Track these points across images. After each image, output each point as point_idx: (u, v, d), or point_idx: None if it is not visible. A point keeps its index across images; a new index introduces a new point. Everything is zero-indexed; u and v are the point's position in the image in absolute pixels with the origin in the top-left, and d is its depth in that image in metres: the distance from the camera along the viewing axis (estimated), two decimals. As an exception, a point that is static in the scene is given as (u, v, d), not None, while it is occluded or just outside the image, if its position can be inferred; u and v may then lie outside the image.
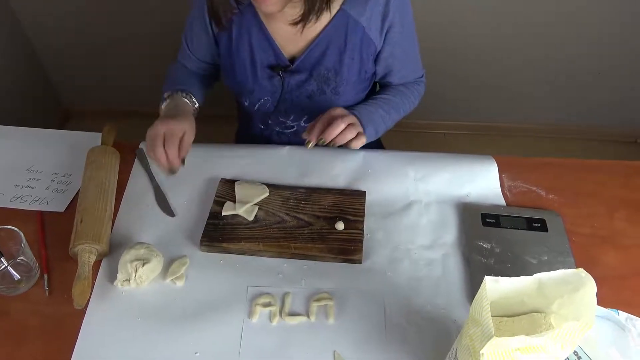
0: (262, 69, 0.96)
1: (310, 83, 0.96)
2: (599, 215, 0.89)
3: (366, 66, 0.97)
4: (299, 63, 0.94)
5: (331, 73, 0.95)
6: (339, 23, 0.91)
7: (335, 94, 0.97)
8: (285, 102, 1.00)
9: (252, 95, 1.00)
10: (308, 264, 0.83)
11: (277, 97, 1.00)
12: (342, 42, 0.92)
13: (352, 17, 0.90)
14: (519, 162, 0.99)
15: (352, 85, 0.98)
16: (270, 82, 0.98)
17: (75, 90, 2.31)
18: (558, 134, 2.19)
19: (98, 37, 2.07)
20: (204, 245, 0.84)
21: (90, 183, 0.91)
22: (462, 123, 2.24)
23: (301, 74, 0.95)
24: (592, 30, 1.85)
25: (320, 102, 0.99)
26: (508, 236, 0.86)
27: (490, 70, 2.02)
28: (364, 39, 0.92)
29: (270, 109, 1.02)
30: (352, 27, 0.91)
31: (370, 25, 0.91)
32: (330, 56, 0.93)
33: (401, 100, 1.03)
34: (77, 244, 0.81)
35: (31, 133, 1.09)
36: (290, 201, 0.90)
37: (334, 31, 0.91)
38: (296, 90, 0.98)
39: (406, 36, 0.97)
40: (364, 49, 0.94)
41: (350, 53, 0.93)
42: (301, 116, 1.04)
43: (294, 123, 1.05)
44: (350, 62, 0.94)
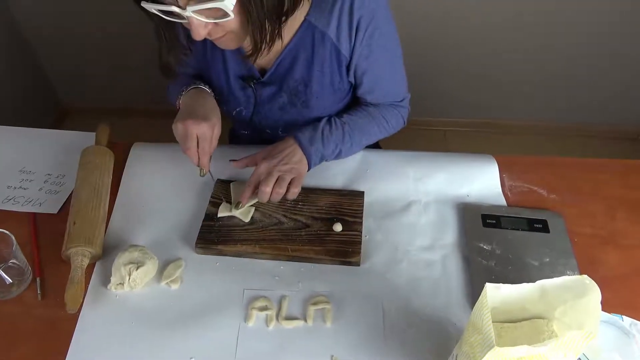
0: (235, 79, 0.94)
1: (280, 95, 0.94)
2: (600, 215, 0.88)
3: (337, 78, 0.93)
4: (269, 75, 0.92)
5: (301, 86, 0.92)
6: (305, 35, 0.87)
7: (305, 107, 0.95)
8: (259, 113, 0.99)
9: (228, 105, 0.99)
10: (305, 267, 0.81)
11: (251, 108, 0.98)
12: (309, 54, 0.89)
13: (318, 29, 0.86)
14: (519, 161, 0.98)
15: (325, 98, 0.95)
16: (243, 93, 0.96)
17: (72, 88, 2.29)
18: (558, 131, 2.18)
19: (95, 35, 2.05)
20: (199, 247, 0.83)
21: (83, 184, 0.89)
22: (461, 120, 2.22)
23: (272, 87, 0.94)
24: (592, 27, 1.83)
25: (293, 115, 0.97)
26: (509, 237, 0.84)
27: (490, 67, 2.00)
28: (332, 51, 0.88)
29: (247, 118, 1.01)
30: (318, 38, 0.87)
31: (339, 36, 0.86)
32: (298, 68, 0.90)
33: (368, 122, 0.97)
34: (70, 246, 0.79)
35: (24, 133, 1.08)
36: (287, 202, 0.89)
37: (300, 43, 0.88)
38: (268, 103, 0.96)
39: (379, 50, 0.90)
40: (334, 61, 0.90)
41: (319, 66, 0.90)
42: (276, 128, 1.02)
43: (271, 132, 1.04)
44: (320, 75, 0.91)
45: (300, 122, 0.97)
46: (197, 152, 0.85)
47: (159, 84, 2.00)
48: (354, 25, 0.85)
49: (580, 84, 2.02)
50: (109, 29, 2.02)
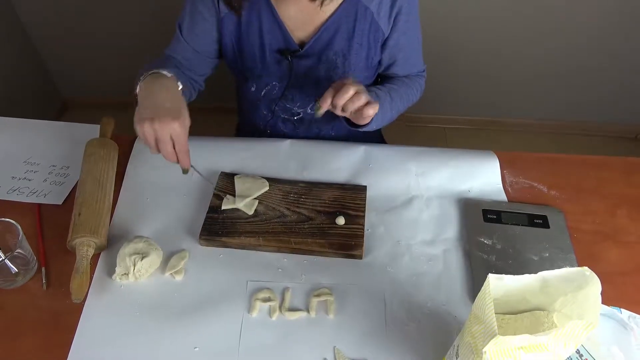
0: (271, 53, 0.95)
1: (318, 68, 0.96)
2: (600, 211, 0.89)
3: (373, 53, 0.96)
4: (308, 47, 0.93)
5: (339, 58, 0.94)
6: (349, 8, 0.90)
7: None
8: (292, 88, 1.00)
9: (260, 80, 1.00)
10: (308, 259, 0.82)
11: (284, 83, 0.99)
12: (350, 28, 0.92)
13: (361, 3, 0.90)
14: (520, 157, 0.99)
15: (360, 72, 0.98)
16: (278, 67, 0.97)
17: (73, 80, 2.29)
18: (559, 129, 2.19)
19: (96, 27, 2.05)
20: (203, 239, 0.83)
21: (88, 175, 0.90)
22: (463, 118, 2.23)
23: (309, 59, 0.95)
24: (593, 25, 1.84)
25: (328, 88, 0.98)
26: (509, 232, 0.85)
27: (492, 65, 2.01)
28: (372, 25, 0.92)
29: (278, 94, 1.02)
30: (361, 13, 0.90)
31: (380, 11, 0.91)
32: (338, 41, 0.93)
33: (405, 91, 1.02)
34: (75, 237, 0.80)
35: (29, 124, 1.08)
36: (291, 195, 0.89)
37: (343, 16, 0.91)
38: (304, 76, 0.97)
39: (412, 26, 0.96)
40: (372, 36, 0.93)
41: (359, 39, 0.93)
42: (308, 103, 1.03)
43: (300, 110, 1.05)
44: (359, 48, 0.94)
45: None
46: (174, 154, 0.78)
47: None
48: (397, 3, 0.90)
49: (581, 82, 2.03)
50: (111, 22, 2.02)
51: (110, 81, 2.25)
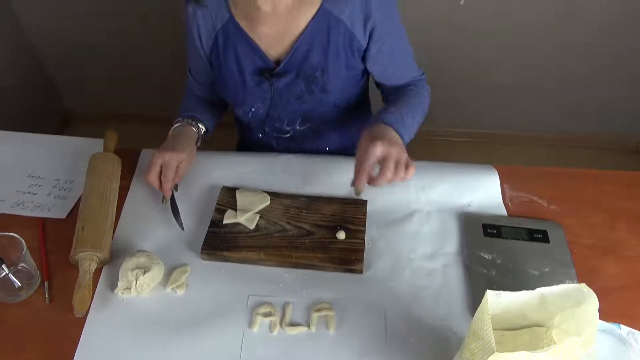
0: (250, 76, 0.97)
1: (298, 83, 0.97)
2: (600, 225, 0.89)
3: (352, 62, 0.97)
4: (285, 64, 0.95)
5: (317, 71, 0.95)
6: (321, 22, 0.91)
7: (323, 92, 0.97)
8: (276, 106, 1.01)
9: (245, 104, 1.02)
10: (309, 274, 0.82)
11: (268, 103, 1.00)
12: (325, 40, 0.92)
13: (333, 15, 0.90)
14: (520, 171, 0.99)
15: (342, 82, 0.98)
16: (259, 89, 0.98)
17: (77, 93, 2.32)
18: (559, 141, 2.19)
19: (100, 41, 2.08)
20: (205, 253, 0.84)
21: (91, 190, 0.91)
22: (462, 130, 2.24)
23: (288, 75, 0.96)
24: (592, 39, 1.85)
25: (311, 102, 0.99)
26: (509, 247, 0.85)
27: (492, 78, 2.02)
28: (346, 36, 0.92)
29: (263, 115, 1.03)
30: (334, 24, 0.91)
31: (353, 22, 0.91)
32: (315, 54, 0.94)
33: (420, 101, 1.00)
34: (78, 251, 0.81)
35: (33, 139, 1.10)
36: (292, 210, 0.90)
37: (316, 30, 0.92)
38: (285, 93, 0.99)
39: (394, 34, 0.95)
40: (348, 46, 0.94)
41: (335, 50, 0.93)
42: (294, 119, 1.04)
43: (289, 127, 1.06)
44: (336, 59, 0.94)
45: (319, 109, 1.00)
46: (157, 179, 0.90)
47: (162, 92, 2.03)
48: (370, 10, 0.89)
49: (581, 94, 2.04)
50: (115, 36, 2.05)
51: (114, 94, 2.27)
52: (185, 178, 0.96)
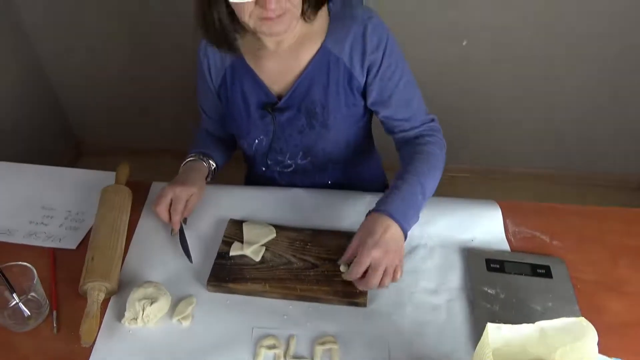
0: (255, 109, 1.01)
1: (299, 118, 1.00)
2: (603, 262, 0.90)
3: (352, 100, 0.99)
4: (287, 99, 0.98)
5: (318, 107, 0.98)
6: (321, 60, 0.95)
7: (323, 128, 1.00)
8: (279, 139, 1.04)
9: (249, 137, 1.05)
10: (313, 306, 0.83)
11: (270, 136, 1.04)
12: (324, 78, 0.96)
13: (333, 54, 0.94)
14: (522, 207, 1.01)
15: (342, 119, 1.01)
16: (263, 122, 1.02)
17: (89, 126, 2.38)
18: (562, 179, 2.20)
19: (113, 76, 2.15)
20: (211, 285, 0.85)
21: (102, 221, 0.93)
22: (466, 167, 2.26)
23: (290, 110, 1.00)
24: (594, 77, 1.89)
25: (312, 137, 1.02)
26: (513, 282, 0.86)
27: (495, 115, 2.06)
28: (345, 74, 0.96)
29: (266, 148, 1.06)
30: (333, 62, 0.95)
31: (352, 60, 0.94)
32: (315, 91, 0.97)
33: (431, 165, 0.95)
34: (87, 281, 0.82)
35: (47, 171, 1.13)
36: (297, 243, 0.92)
37: (316, 67, 0.96)
38: (287, 127, 1.02)
39: (395, 73, 0.95)
40: (347, 84, 0.97)
41: (334, 87, 0.97)
42: (296, 153, 1.07)
43: (291, 161, 1.09)
44: (335, 96, 0.98)
45: (320, 144, 1.03)
46: (166, 211, 0.93)
47: (173, 126, 2.08)
48: (368, 49, 0.92)
49: (585, 134, 2.06)
50: (129, 71, 2.12)
51: (125, 127, 2.33)
52: (194, 211, 0.98)
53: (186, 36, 1.84)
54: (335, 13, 0.94)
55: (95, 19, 1.97)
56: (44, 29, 2.03)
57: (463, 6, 1.75)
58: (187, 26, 1.84)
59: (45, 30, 2.03)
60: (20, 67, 2.03)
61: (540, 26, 1.77)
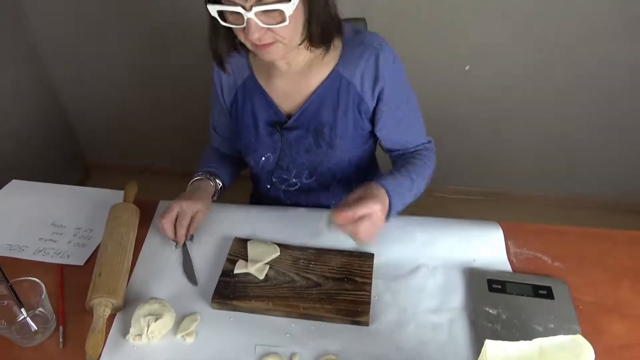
0: (264, 127, 1.04)
1: (307, 137, 1.03)
2: (604, 283, 0.90)
3: (360, 123, 1.02)
4: (296, 119, 1.01)
5: (326, 128, 1.01)
6: (332, 82, 0.98)
7: (330, 147, 1.03)
8: (285, 157, 1.07)
9: (256, 154, 1.08)
10: (316, 325, 0.84)
11: (277, 153, 1.06)
12: (335, 100, 0.99)
13: (344, 78, 0.97)
14: (524, 228, 1.02)
15: (349, 140, 1.04)
16: (271, 139, 1.05)
17: (98, 146, 2.43)
18: (565, 202, 2.21)
19: (123, 101, 2.21)
20: (215, 302, 0.86)
21: (110, 238, 0.95)
22: (469, 189, 2.27)
23: (298, 130, 1.02)
24: (598, 101, 1.91)
25: (318, 156, 1.05)
26: (514, 302, 0.86)
27: (498, 138, 2.08)
28: (356, 98, 0.99)
29: (272, 165, 1.09)
30: (344, 86, 0.98)
31: (363, 85, 0.98)
32: (324, 112, 1.00)
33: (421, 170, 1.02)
34: (93, 297, 0.84)
35: (57, 189, 1.16)
36: (301, 261, 0.93)
37: (327, 90, 0.99)
38: (295, 145, 1.04)
39: (402, 98, 1.01)
40: (357, 108, 1.00)
41: (344, 110, 1.00)
42: (302, 171, 1.09)
43: (296, 179, 1.11)
44: (344, 119, 1.00)
45: (325, 163, 1.05)
46: (171, 225, 0.95)
47: (182, 148, 2.12)
48: (379, 79, 0.96)
49: (588, 156, 2.07)
50: (138, 96, 2.17)
51: (133, 147, 2.37)
52: (200, 229, 1.00)
53: (194, 58, 1.90)
54: (348, 39, 0.97)
55: (106, 47, 2.03)
56: (59, 57, 2.10)
57: (465, 31, 1.79)
58: (196, 49, 1.90)
59: (59, 59, 2.10)
60: (36, 94, 2.10)
61: (543, 51, 1.80)
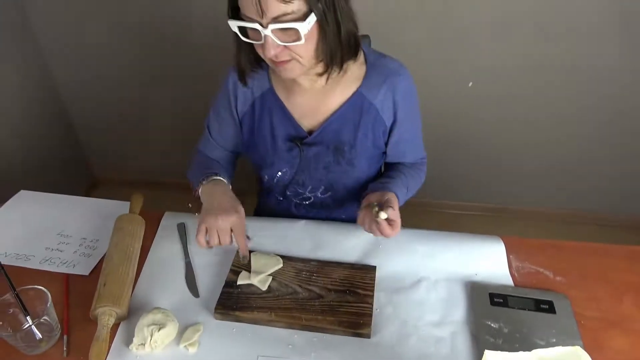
0: (282, 142, 1.05)
1: (327, 154, 1.04)
2: (606, 298, 0.90)
3: (378, 142, 1.05)
4: (317, 135, 1.02)
5: (346, 146, 1.03)
6: (355, 102, 1.00)
7: (349, 165, 1.04)
8: (303, 172, 1.08)
9: (272, 168, 1.08)
10: (318, 336, 0.84)
11: (295, 169, 1.07)
12: (356, 120, 1.01)
13: (367, 99, 1.00)
14: (526, 243, 1.02)
15: (367, 159, 1.06)
16: (289, 154, 1.05)
17: (104, 160, 2.45)
18: (569, 218, 2.20)
19: (128, 114, 2.24)
20: (218, 312, 0.87)
21: (115, 248, 0.96)
22: (472, 204, 2.28)
23: (318, 146, 1.03)
24: (601, 121, 1.92)
25: (336, 173, 1.06)
26: (516, 316, 0.87)
27: (502, 154, 2.09)
28: (377, 119, 1.01)
29: (288, 180, 1.09)
30: (366, 107, 1.00)
31: (383, 107, 1.01)
32: (345, 131, 1.02)
33: (415, 182, 1.10)
34: (98, 306, 0.85)
35: (64, 200, 1.17)
36: (303, 273, 0.94)
37: (350, 109, 1.01)
38: (314, 161, 1.05)
39: (413, 121, 1.07)
40: (376, 128, 1.02)
41: (364, 130, 1.02)
42: (318, 187, 1.10)
43: (311, 194, 1.12)
44: (364, 138, 1.03)
45: (343, 180, 1.07)
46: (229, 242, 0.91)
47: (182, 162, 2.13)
48: (398, 98, 1.00)
49: (589, 175, 2.08)
50: (143, 109, 2.20)
51: (137, 163, 2.40)
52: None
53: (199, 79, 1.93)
54: (372, 62, 1.00)
55: (115, 59, 2.07)
56: (66, 69, 2.13)
57: (469, 49, 1.81)
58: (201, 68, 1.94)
59: (67, 70, 2.14)
60: (47, 112, 2.16)
61: (546, 68, 1.82)
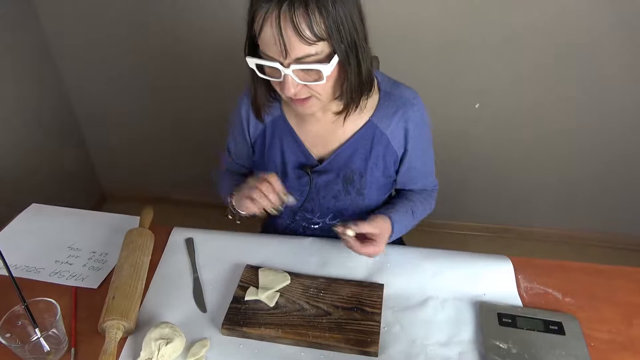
0: (292, 169, 1.05)
1: (337, 182, 1.04)
2: (616, 320, 0.89)
3: (389, 172, 1.06)
4: (327, 164, 1.03)
5: (356, 175, 1.03)
6: (367, 132, 1.00)
7: (359, 195, 1.05)
8: (312, 200, 1.08)
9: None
10: (325, 354, 0.84)
11: (304, 196, 1.07)
12: (368, 150, 1.02)
13: (378, 129, 1.00)
14: (534, 263, 1.02)
15: (377, 188, 1.06)
16: (299, 182, 1.06)
17: (114, 176, 2.48)
18: (578, 239, 2.19)
19: (139, 131, 2.26)
20: (225, 328, 0.87)
21: (125, 262, 0.97)
22: (481, 225, 2.27)
23: (328, 174, 1.04)
24: (608, 140, 1.92)
25: (346, 202, 1.06)
26: (525, 337, 0.86)
27: (508, 174, 2.09)
28: (388, 149, 1.02)
29: (298, 206, 1.10)
30: (378, 137, 1.01)
31: (394, 137, 1.01)
32: (355, 161, 1.02)
33: (422, 208, 1.11)
34: (106, 319, 0.85)
35: (75, 213, 1.19)
36: (311, 290, 0.94)
37: (361, 139, 1.01)
38: (323, 190, 1.06)
39: (424, 150, 1.07)
40: (387, 157, 1.03)
41: (375, 160, 1.02)
42: (327, 214, 1.10)
43: (319, 220, 1.12)
44: (374, 167, 1.03)
45: (351, 209, 1.07)
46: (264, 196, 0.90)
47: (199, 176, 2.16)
48: (409, 132, 1.01)
49: (598, 196, 2.07)
50: (153, 125, 2.23)
51: (146, 178, 2.42)
52: (212, 256, 1.02)
53: (210, 98, 1.96)
54: (385, 91, 1.00)
55: (126, 74, 2.11)
56: (78, 83, 2.18)
57: (476, 70, 1.83)
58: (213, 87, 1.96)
59: (78, 84, 2.18)
60: (60, 128, 2.19)
61: (554, 91, 1.83)
